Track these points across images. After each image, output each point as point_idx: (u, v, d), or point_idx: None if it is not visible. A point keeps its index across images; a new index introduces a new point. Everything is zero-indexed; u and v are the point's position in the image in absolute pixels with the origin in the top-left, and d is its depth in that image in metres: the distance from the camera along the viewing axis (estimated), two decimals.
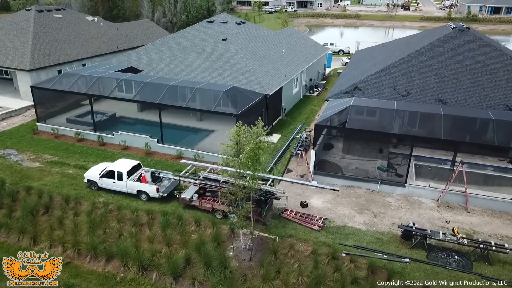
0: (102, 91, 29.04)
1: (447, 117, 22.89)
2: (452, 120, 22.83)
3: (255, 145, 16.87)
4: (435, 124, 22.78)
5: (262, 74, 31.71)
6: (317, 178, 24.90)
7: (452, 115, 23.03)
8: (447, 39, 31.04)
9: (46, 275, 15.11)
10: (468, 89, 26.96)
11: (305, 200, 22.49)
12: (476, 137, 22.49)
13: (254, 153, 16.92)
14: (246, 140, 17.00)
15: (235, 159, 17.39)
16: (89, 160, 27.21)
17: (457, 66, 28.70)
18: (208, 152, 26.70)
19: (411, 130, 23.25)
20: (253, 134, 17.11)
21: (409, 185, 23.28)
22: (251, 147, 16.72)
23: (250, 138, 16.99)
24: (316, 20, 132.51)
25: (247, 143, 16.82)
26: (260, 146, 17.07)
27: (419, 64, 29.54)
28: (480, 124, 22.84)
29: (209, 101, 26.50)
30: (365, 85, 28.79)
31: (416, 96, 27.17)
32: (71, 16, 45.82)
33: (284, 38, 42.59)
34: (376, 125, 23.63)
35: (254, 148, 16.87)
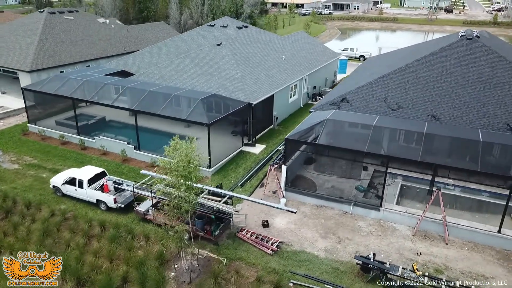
0: (85, 95, 28.86)
1: (429, 136, 20.63)
2: (434, 140, 20.56)
3: (186, 162, 15.73)
4: (414, 143, 20.60)
5: (251, 81, 30.42)
6: (288, 195, 23.33)
7: (434, 134, 20.75)
8: (451, 49, 28.37)
9: (46, 275, 15.09)
10: (466, 104, 24.37)
11: (267, 220, 21.02)
12: (457, 160, 20.08)
13: (185, 170, 15.79)
14: (178, 155, 15.89)
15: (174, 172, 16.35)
16: (66, 164, 27.06)
17: (458, 78, 26.10)
18: None
19: (386, 149, 21.12)
20: (184, 150, 15.94)
21: (384, 209, 21.20)
22: (180, 164, 15.62)
23: (181, 154, 15.85)
24: (350, 23, 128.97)
25: (178, 158, 15.73)
26: (191, 162, 15.90)
27: (416, 75, 27.15)
28: (465, 146, 20.41)
29: (184, 109, 25.59)
30: (354, 96, 26.80)
31: (408, 110, 24.90)
32: (83, 18, 46.56)
33: (289, 43, 41.01)
34: (350, 142, 21.74)
35: (184, 166, 15.74)
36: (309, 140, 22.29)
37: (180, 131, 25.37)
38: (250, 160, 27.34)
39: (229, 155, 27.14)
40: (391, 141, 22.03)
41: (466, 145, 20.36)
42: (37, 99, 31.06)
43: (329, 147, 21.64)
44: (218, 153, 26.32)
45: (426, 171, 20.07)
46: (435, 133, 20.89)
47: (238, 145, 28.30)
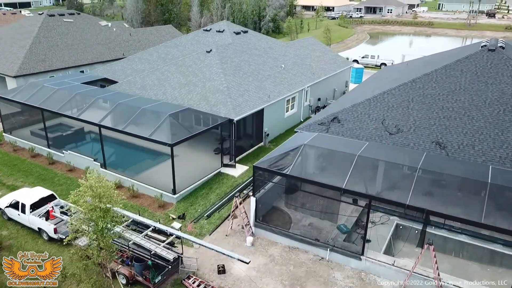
0: (54, 105, 26.51)
1: (425, 172, 16.66)
2: (430, 178, 16.58)
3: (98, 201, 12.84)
4: (405, 180, 16.70)
5: (238, 93, 27.17)
6: (258, 232, 19.94)
7: (431, 170, 16.75)
8: (468, 61, 24.01)
9: (46, 275, 14.69)
10: (480, 130, 20.09)
11: (223, 265, 17.68)
12: (456, 206, 15.97)
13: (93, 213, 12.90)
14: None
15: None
16: (27, 182, 24.78)
17: (473, 97, 21.81)
18: (147, 184, 22.92)
19: (369, 186, 17.27)
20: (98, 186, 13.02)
21: (367, 259, 17.38)
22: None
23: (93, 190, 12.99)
24: (382, 27, 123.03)
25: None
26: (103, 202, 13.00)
27: (423, 93, 23.02)
28: (468, 187, 16.30)
29: (151, 125, 22.64)
30: (348, 115, 23.02)
31: (408, 134, 20.90)
32: (83, 21, 44.84)
33: (293, 50, 37.43)
34: (327, 174, 18.08)
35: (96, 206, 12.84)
36: (281, 169, 18.74)
37: (154, 148, 22.60)
38: (227, 185, 24.08)
39: (203, 178, 24.01)
40: (377, 176, 18.15)
41: (469, 187, 16.26)
42: (11, 108, 29.11)
43: (301, 179, 18.03)
44: (188, 175, 23.29)
45: (415, 218, 16.07)
46: (433, 168, 16.91)
47: (215, 166, 25.11)
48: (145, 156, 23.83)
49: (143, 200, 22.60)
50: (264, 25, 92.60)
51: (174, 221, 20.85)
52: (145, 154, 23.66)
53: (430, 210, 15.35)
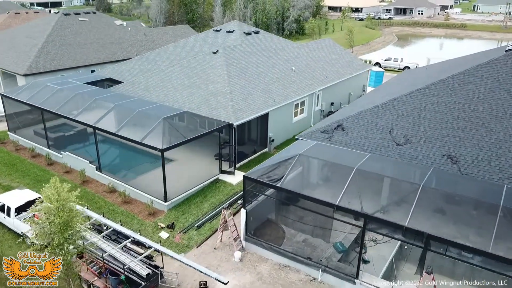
0: (54, 105, 26.04)
1: (429, 191, 14.90)
2: (434, 198, 14.82)
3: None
4: (406, 199, 15.01)
5: (241, 97, 25.94)
6: (249, 247, 18.62)
7: (436, 189, 14.98)
8: (490, 67, 21.91)
9: (46, 275, 14.38)
10: (499, 144, 18.08)
11: (205, 282, 16.44)
12: (460, 231, 14.16)
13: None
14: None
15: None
16: (23, 182, 24.37)
17: (492, 107, 19.76)
18: (139, 190, 22.01)
19: (365, 204, 15.64)
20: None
21: (362, 283, 15.77)
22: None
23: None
24: (411, 29, 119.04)
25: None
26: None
27: (437, 100, 21.11)
28: (477, 210, 14.44)
29: (144, 129, 21.72)
30: (354, 123, 21.37)
31: (418, 146, 19.09)
32: (98, 20, 44.74)
33: (307, 52, 35.86)
34: (321, 188, 16.57)
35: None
36: (273, 181, 17.35)
37: (148, 152, 21.68)
38: (223, 193, 22.86)
39: (198, 185, 22.90)
40: (376, 194, 16.49)
41: (479, 209, 14.41)
42: (15, 107, 28.93)
43: (292, 193, 16.57)
44: (183, 182, 22.28)
45: (415, 242, 14.33)
46: (438, 186, 15.13)
47: (213, 172, 23.94)
48: (138, 161, 22.97)
49: (134, 207, 21.69)
50: (288, 26, 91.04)
51: (162, 231, 19.82)
52: (138, 158, 22.79)
53: (431, 235, 13.61)
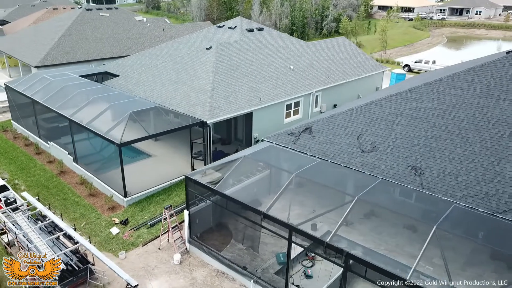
0: (43, 96, 26.70)
1: (364, 204, 13.31)
2: (368, 212, 13.21)
3: None
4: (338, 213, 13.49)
5: (223, 94, 25.15)
6: (194, 251, 17.85)
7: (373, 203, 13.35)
8: (485, 70, 19.46)
9: (46, 275, 14.63)
10: (473, 156, 15.95)
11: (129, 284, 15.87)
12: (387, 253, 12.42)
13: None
14: None
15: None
16: (7, 170, 25.19)
17: (476, 115, 17.53)
18: (104, 183, 21.96)
19: (293, 215, 14.25)
20: None
21: None
22: None
23: None
24: (465, 30, 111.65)
25: None
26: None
27: (417, 105, 19.10)
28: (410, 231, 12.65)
29: (111, 123, 21.61)
30: (323, 126, 19.89)
31: (384, 154, 17.34)
32: (119, 16, 45.76)
33: (313, 51, 34.24)
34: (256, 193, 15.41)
35: None
36: (214, 183, 16.42)
37: (146, 146, 21.55)
38: None
39: (166, 182, 22.44)
40: (308, 203, 15.07)
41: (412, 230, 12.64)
42: (15, 97, 30.10)
43: (224, 196, 15.53)
44: (149, 178, 22.00)
45: (336, 261, 12.80)
46: (376, 200, 13.48)
47: (185, 171, 23.31)
48: (107, 154, 22.91)
49: (98, 200, 21.64)
50: (326, 25, 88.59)
51: (114, 226, 19.55)
52: (108, 151, 22.73)
53: (351, 254, 12.09)
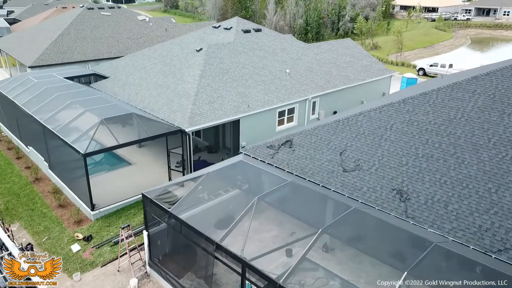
0: (23, 98, 25.60)
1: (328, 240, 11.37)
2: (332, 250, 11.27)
3: None
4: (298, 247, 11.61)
5: (207, 100, 23.50)
6: (154, 275, 16.26)
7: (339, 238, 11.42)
8: (488, 79, 17.16)
9: (46, 275, 14.29)
10: (467, 181, 13.80)
11: None
12: None
13: None
14: None
15: None
16: None
17: (475, 131, 15.31)
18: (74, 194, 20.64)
19: (249, 247, 12.38)
20: None
21: None
22: None
23: None
24: (491, 31, 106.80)
25: None
26: None
27: (409, 119, 16.98)
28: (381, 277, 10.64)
29: (82, 130, 20.23)
30: (305, 139, 17.98)
31: (368, 174, 15.36)
32: (121, 15, 44.72)
33: (314, 53, 32.18)
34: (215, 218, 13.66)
35: None
36: (171, 202, 14.75)
37: (128, 153, 20.20)
38: None
39: (139, 195, 20.81)
40: (268, 233, 13.20)
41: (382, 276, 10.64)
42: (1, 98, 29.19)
43: (180, 221, 13.82)
44: (124, 190, 20.59)
45: None
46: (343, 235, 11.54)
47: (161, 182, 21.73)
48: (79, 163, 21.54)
49: (66, 212, 20.33)
50: (343, 26, 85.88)
51: (76, 243, 18.15)
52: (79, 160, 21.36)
53: None
